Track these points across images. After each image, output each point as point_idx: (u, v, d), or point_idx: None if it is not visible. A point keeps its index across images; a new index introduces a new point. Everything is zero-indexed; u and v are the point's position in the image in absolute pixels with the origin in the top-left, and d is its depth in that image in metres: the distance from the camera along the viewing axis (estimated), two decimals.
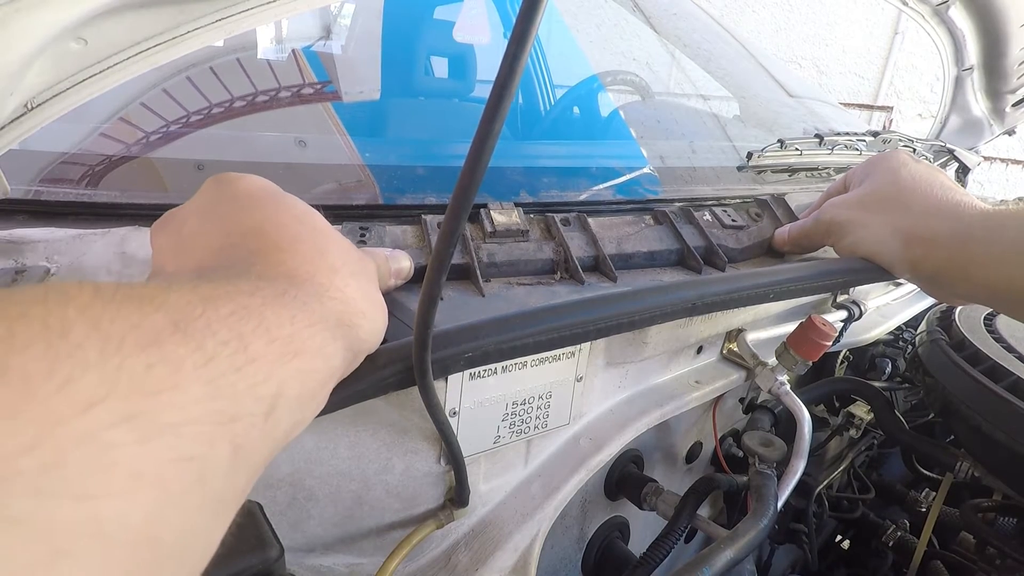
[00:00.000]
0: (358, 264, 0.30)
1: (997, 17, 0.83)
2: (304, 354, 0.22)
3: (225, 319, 0.20)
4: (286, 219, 0.28)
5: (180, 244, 0.29)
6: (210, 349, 0.18)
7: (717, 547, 0.41)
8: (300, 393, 0.22)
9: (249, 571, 0.28)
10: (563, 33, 1.32)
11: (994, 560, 0.63)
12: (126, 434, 0.15)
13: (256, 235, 0.27)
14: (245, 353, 0.19)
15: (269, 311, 0.21)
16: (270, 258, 0.26)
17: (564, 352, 0.43)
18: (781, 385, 0.55)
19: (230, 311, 0.20)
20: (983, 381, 0.59)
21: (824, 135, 0.75)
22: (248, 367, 0.19)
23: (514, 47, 0.22)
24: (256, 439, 0.19)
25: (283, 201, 0.30)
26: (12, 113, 0.33)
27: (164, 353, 0.17)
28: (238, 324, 0.20)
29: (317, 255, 0.27)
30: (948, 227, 0.46)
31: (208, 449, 0.17)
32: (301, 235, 0.28)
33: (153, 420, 0.16)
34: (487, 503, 0.46)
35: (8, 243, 0.37)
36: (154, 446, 0.15)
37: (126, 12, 0.33)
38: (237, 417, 0.18)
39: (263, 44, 0.85)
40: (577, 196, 0.56)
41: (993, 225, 0.44)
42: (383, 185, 0.51)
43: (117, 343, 0.16)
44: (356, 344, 0.27)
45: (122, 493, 0.15)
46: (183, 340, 0.18)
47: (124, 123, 0.54)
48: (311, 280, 0.26)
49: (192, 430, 0.17)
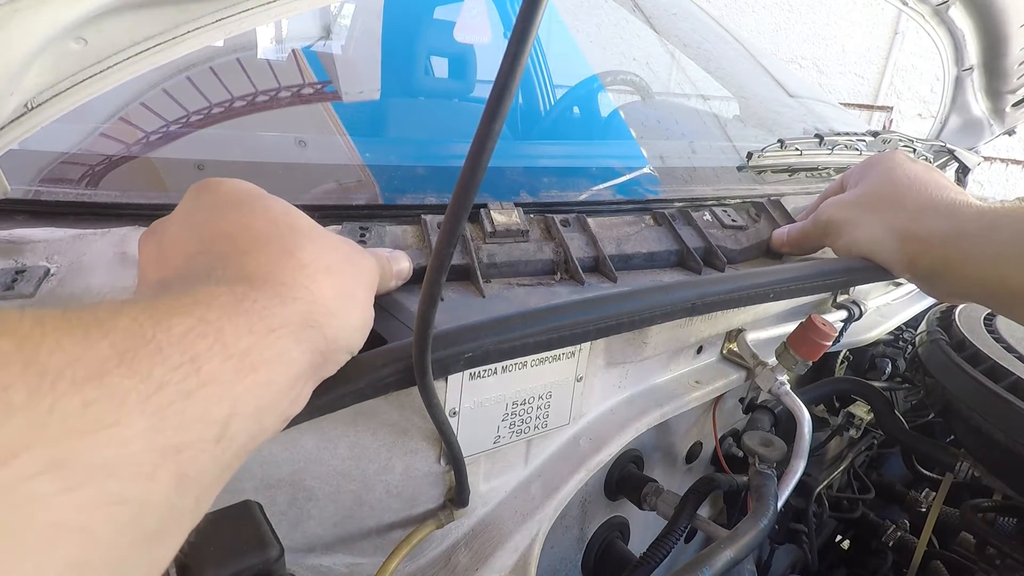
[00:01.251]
0: (341, 261, 0.29)
1: (997, 17, 0.83)
2: (262, 367, 0.22)
3: (178, 342, 0.19)
4: (259, 222, 0.28)
5: (161, 253, 0.29)
6: (158, 377, 0.18)
7: (717, 547, 0.41)
8: (257, 407, 0.22)
9: (249, 571, 0.28)
10: (563, 33, 1.32)
11: (994, 560, 0.63)
12: (50, 484, 0.14)
13: (225, 240, 0.27)
14: (197, 376, 0.19)
15: (227, 323, 0.21)
16: (233, 261, 0.26)
17: (564, 352, 0.43)
18: (781, 385, 0.55)
19: (185, 329, 0.20)
20: (983, 381, 0.59)
21: (824, 135, 0.75)
22: (199, 391, 0.19)
23: (514, 47, 0.22)
24: (205, 463, 0.19)
25: (260, 204, 0.29)
26: (12, 113, 0.33)
27: (106, 387, 0.16)
28: (192, 345, 0.19)
29: (284, 255, 0.27)
30: (943, 225, 0.46)
31: (147, 485, 0.17)
32: (270, 236, 0.27)
33: (83, 464, 0.15)
34: (487, 503, 0.46)
35: (8, 243, 0.37)
36: (81, 493, 0.15)
37: (126, 12, 0.33)
38: (184, 446, 0.18)
39: (263, 44, 0.85)
40: (577, 196, 0.56)
41: (987, 223, 0.44)
42: (383, 185, 0.51)
43: (52, 380, 0.15)
44: (323, 344, 0.26)
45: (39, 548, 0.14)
46: (128, 372, 0.17)
47: (124, 123, 0.54)
48: (272, 281, 0.25)
49: (129, 470, 0.16)
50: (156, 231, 0.30)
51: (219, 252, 0.26)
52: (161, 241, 0.29)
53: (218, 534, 0.29)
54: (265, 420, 0.23)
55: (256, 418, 0.22)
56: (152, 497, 0.17)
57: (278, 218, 0.29)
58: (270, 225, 0.28)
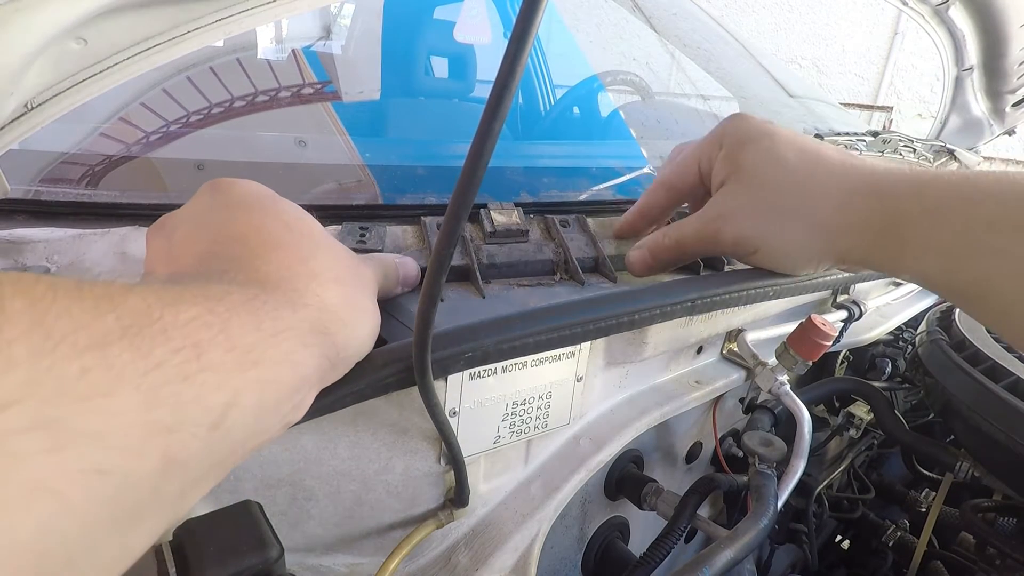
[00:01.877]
0: (347, 271, 0.30)
1: (997, 17, 0.83)
2: (265, 363, 0.22)
3: (183, 326, 0.19)
4: (273, 226, 0.28)
5: (170, 249, 0.28)
6: (157, 356, 0.18)
7: (717, 547, 0.41)
8: (259, 403, 0.21)
9: (249, 571, 0.28)
10: (563, 33, 1.32)
11: (994, 560, 0.63)
12: (35, 441, 0.15)
13: (238, 242, 0.27)
14: (198, 362, 0.19)
15: (234, 318, 0.21)
16: (246, 265, 0.26)
17: (564, 352, 0.43)
18: (781, 385, 0.55)
19: (191, 316, 0.20)
20: (983, 381, 0.59)
21: (824, 135, 0.75)
22: (198, 376, 0.19)
23: (514, 47, 0.22)
24: (197, 450, 0.19)
25: (274, 207, 0.29)
26: (12, 113, 0.33)
27: (105, 358, 0.17)
28: (196, 331, 0.19)
29: (297, 261, 0.27)
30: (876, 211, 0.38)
31: (132, 460, 0.17)
32: (284, 241, 0.28)
33: (71, 427, 0.15)
34: (487, 503, 0.46)
35: (8, 243, 0.37)
36: (64, 456, 0.15)
37: (126, 12, 0.33)
38: (175, 428, 0.18)
39: (263, 44, 0.85)
40: (577, 196, 0.56)
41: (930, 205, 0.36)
42: (383, 185, 0.51)
43: (55, 343, 0.16)
44: (332, 351, 0.26)
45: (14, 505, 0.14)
46: (129, 347, 0.17)
47: (124, 123, 0.54)
48: (284, 286, 0.25)
49: (116, 441, 0.16)
50: (165, 226, 0.30)
51: (232, 254, 0.26)
52: (171, 237, 0.29)
53: (218, 534, 0.29)
54: (266, 419, 0.23)
55: (256, 415, 0.22)
56: (136, 474, 0.17)
57: (292, 223, 0.29)
58: (284, 230, 0.28)
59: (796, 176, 0.41)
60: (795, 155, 0.41)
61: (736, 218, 0.42)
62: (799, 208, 0.41)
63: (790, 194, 0.41)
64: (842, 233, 0.40)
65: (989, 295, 0.35)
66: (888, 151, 0.83)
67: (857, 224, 0.39)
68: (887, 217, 0.38)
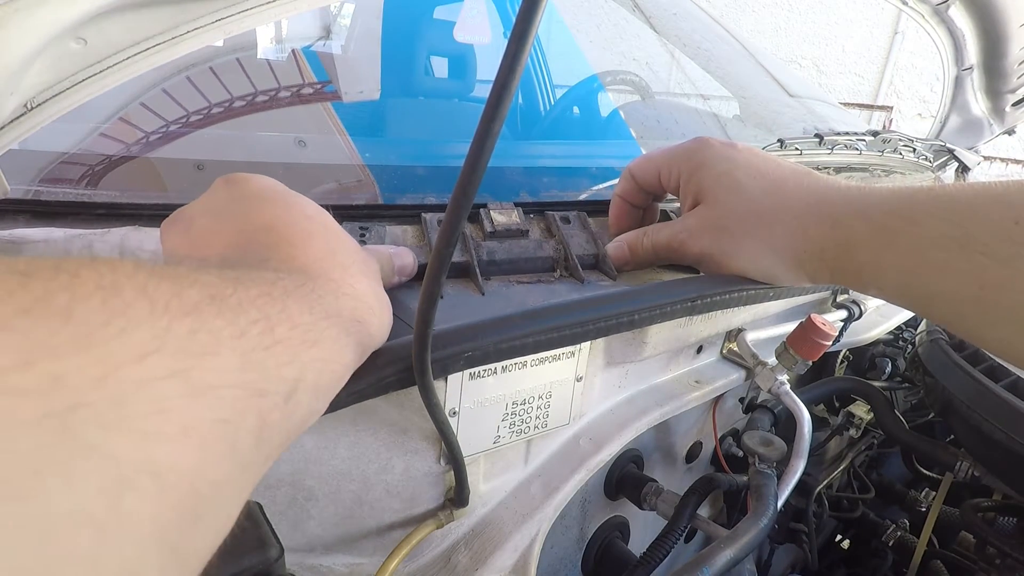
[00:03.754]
0: (364, 263, 0.31)
1: (997, 17, 0.83)
2: (322, 344, 0.22)
3: (253, 300, 0.20)
4: (297, 217, 0.29)
5: (192, 242, 0.29)
6: (242, 325, 0.19)
7: (717, 547, 0.41)
8: (317, 382, 0.22)
9: (249, 571, 0.28)
10: (563, 33, 1.32)
11: (994, 560, 0.63)
12: (175, 387, 0.15)
13: (269, 231, 0.28)
14: (272, 334, 0.20)
15: (290, 300, 0.22)
16: (283, 253, 0.27)
17: (564, 352, 0.43)
18: (781, 385, 0.55)
19: (257, 293, 0.20)
20: (983, 381, 0.59)
21: (824, 135, 0.75)
22: (275, 347, 0.20)
23: (514, 47, 0.22)
24: (277, 419, 0.20)
25: (293, 200, 0.30)
26: (12, 113, 0.33)
27: (204, 321, 0.17)
28: (265, 306, 0.20)
29: (328, 253, 0.28)
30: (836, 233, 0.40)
31: (240, 417, 0.18)
32: (313, 232, 0.28)
33: (198, 379, 0.16)
34: (487, 503, 0.46)
35: (8, 243, 0.37)
36: (199, 403, 0.16)
37: (126, 12, 0.33)
38: (264, 392, 0.19)
39: (263, 44, 0.85)
40: (577, 196, 0.56)
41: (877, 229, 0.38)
42: (383, 185, 0.51)
43: (163, 306, 0.16)
44: (366, 340, 0.27)
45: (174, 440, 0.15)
46: (218, 312, 0.18)
47: (124, 123, 0.54)
48: (324, 276, 0.26)
49: (229, 394, 0.17)
50: (181, 219, 0.30)
51: (266, 242, 0.27)
52: (189, 230, 0.29)
53: None
54: (320, 400, 0.23)
55: (315, 394, 0.22)
56: (243, 428, 0.18)
57: (314, 216, 0.30)
58: (309, 222, 0.29)
59: (752, 205, 0.43)
60: (752, 182, 0.44)
61: (700, 236, 0.45)
62: (757, 233, 0.43)
63: (746, 220, 0.43)
64: (804, 259, 0.42)
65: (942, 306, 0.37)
66: (888, 151, 0.83)
67: (814, 251, 0.41)
68: (840, 244, 0.40)
